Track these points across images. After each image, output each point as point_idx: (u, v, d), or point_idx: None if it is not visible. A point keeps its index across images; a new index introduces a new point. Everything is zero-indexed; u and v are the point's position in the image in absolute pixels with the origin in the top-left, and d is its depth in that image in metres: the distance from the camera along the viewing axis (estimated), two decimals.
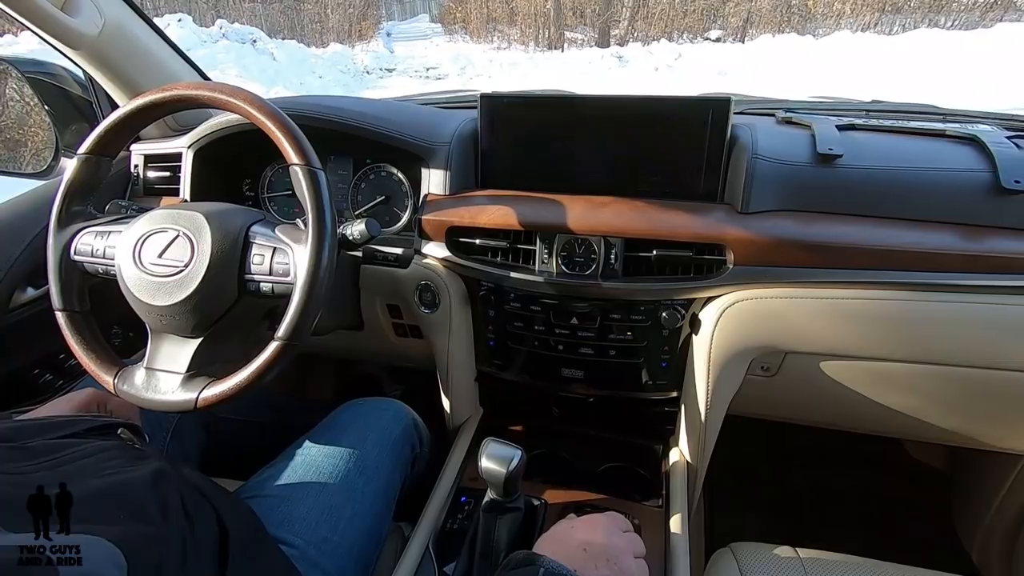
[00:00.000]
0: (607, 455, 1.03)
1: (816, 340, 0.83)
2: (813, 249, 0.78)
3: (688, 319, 0.89)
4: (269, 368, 0.67)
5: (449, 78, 9.43)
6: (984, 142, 0.82)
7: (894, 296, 0.78)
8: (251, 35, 9.46)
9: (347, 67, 9.89)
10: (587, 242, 0.86)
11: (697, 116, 0.85)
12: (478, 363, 1.06)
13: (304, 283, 0.66)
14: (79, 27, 0.86)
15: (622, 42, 11.57)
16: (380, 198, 1.05)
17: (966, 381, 0.82)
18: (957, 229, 0.78)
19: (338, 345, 1.16)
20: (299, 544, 0.69)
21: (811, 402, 0.96)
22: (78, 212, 0.77)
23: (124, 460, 0.58)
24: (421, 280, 0.95)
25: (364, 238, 0.79)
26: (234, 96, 0.70)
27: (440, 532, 0.85)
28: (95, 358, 0.74)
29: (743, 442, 1.16)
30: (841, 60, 7.73)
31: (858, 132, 0.92)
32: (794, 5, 11.31)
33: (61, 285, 0.75)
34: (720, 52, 9.59)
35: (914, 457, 1.40)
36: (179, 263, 0.69)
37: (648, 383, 0.97)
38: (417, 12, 23.70)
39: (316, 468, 0.78)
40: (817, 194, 0.82)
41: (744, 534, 0.85)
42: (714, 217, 0.83)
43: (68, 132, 1.11)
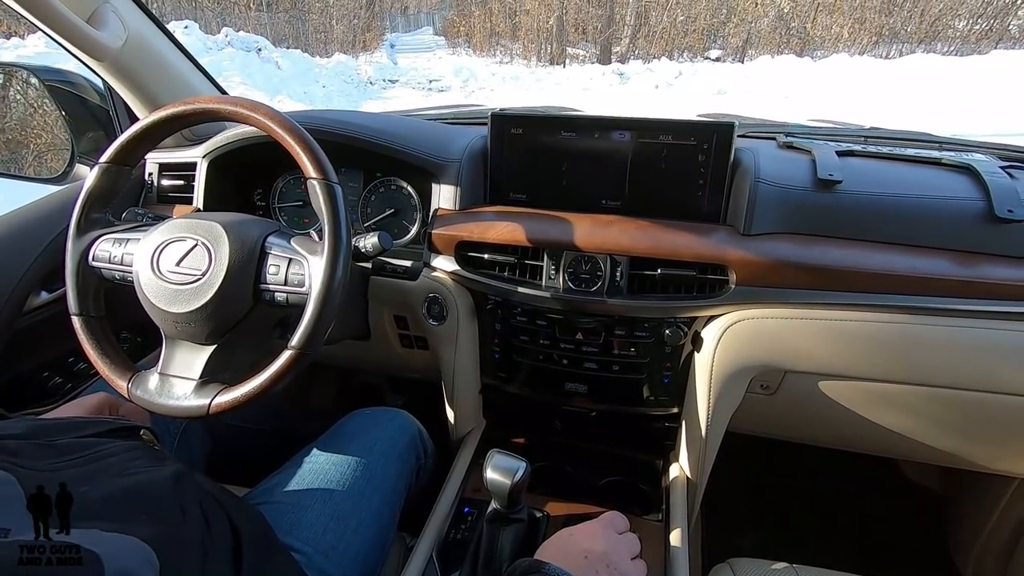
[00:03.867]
0: (608, 469, 1.04)
1: (815, 360, 0.85)
2: (813, 271, 0.81)
3: (690, 337, 0.91)
4: (282, 376, 0.68)
5: (452, 90, 9.52)
6: (978, 171, 0.85)
7: (891, 319, 0.80)
8: (256, 44, 9.54)
9: (351, 77, 9.99)
10: (593, 259, 0.88)
11: (702, 139, 0.88)
12: (483, 375, 1.08)
13: (319, 294, 0.68)
14: (104, 40, 0.88)
15: (623, 59, 11.73)
16: (389, 211, 1.07)
17: (961, 403, 0.84)
18: (952, 255, 0.80)
19: (344, 355, 1.18)
20: (306, 551, 0.70)
21: (810, 421, 0.98)
22: (97, 219, 0.79)
23: (145, 461, 0.59)
24: (429, 292, 0.97)
25: (376, 251, 0.81)
26: (255, 111, 0.72)
27: (444, 542, 0.86)
28: (109, 362, 0.75)
29: (743, 459, 1.17)
30: (839, 82, 7.85)
31: (857, 158, 0.94)
32: (793, 28, 11.49)
33: (78, 290, 0.77)
34: (720, 72, 9.72)
35: (910, 477, 1.42)
36: (197, 271, 0.70)
37: (650, 399, 0.99)
38: (421, 25, 23.95)
39: (323, 476, 0.79)
40: (817, 218, 0.84)
41: (742, 550, 0.86)
42: (717, 238, 0.85)
43: (84, 139, 1.13)
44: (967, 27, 10.54)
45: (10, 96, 1.21)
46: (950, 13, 10.54)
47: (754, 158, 0.88)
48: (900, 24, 10.90)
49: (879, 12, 10.87)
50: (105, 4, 0.92)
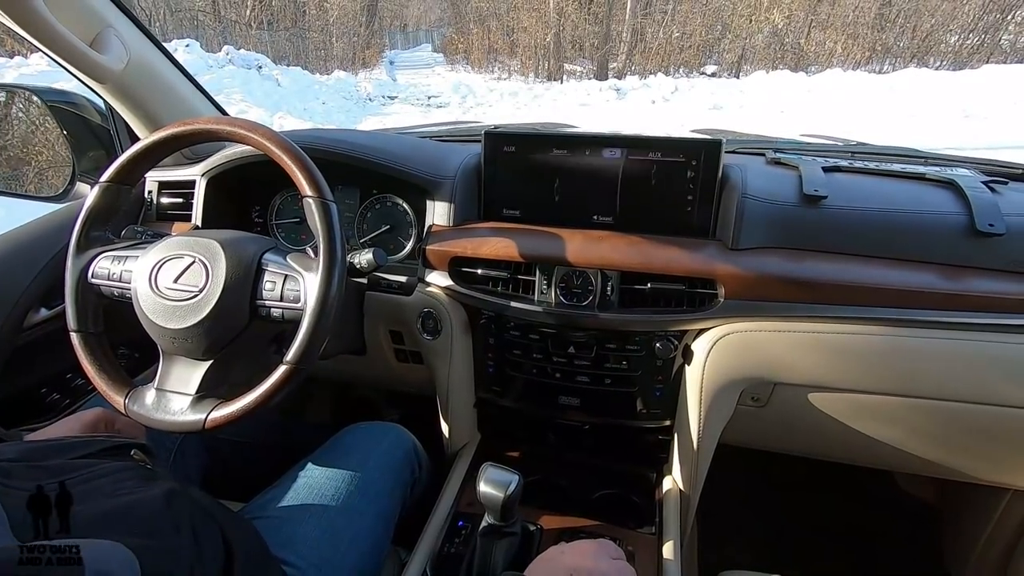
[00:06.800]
0: (602, 482, 1.04)
1: (804, 372, 0.86)
2: (800, 285, 0.82)
3: (681, 350, 0.92)
4: (277, 391, 0.69)
5: (450, 106, 9.60)
6: (961, 186, 0.87)
7: (877, 331, 0.81)
8: (257, 61, 9.64)
9: (350, 94, 10.08)
10: (585, 274, 0.90)
11: (691, 156, 0.90)
12: (477, 389, 1.09)
13: (314, 309, 0.69)
14: (106, 63, 0.90)
15: (620, 75, 11.86)
16: (385, 227, 1.09)
17: (949, 414, 0.85)
18: (936, 269, 0.82)
19: (340, 369, 1.19)
20: (301, 565, 0.71)
21: (801, 433, 0.99)
22: (97, 237, 0.80)
23: (137, 481, 0.60)
24: (424, 307, 0.98)
25: (371, 266, 0.83)
26: (253, 131, 0.74)
27: (438, 556, 0.86)
28: (107, 378, 0.76)
29: (735, 471, 1.18)
30: (833, 97, 7.95)
31: (843, 174, 0.96)
32: (787, 43, 11.65)
33: (77, 307, 0.78)
34: (715, 87, 9.83)
35: (903, 489, 1.42)
36: (194, 288, 0.72)
37: (642, 412, 1.00)
38: (420, 42, 24.23)
39: (318, 490, 0.80)
40: (804, 233, 0.86)
41: (736, 562, 0.86)
42: (706, 253, 0.87)
43: (85, 158, 1.15)
44: (959, 42, 10.69)
45: (12, 115, 1.24)
46: (942, 28, 10.69)
47: (742, 174, 0.90)
48: (893, 39, 11.06)
49: (872, 28, 11.03)
50: (108, 28, 0.94)
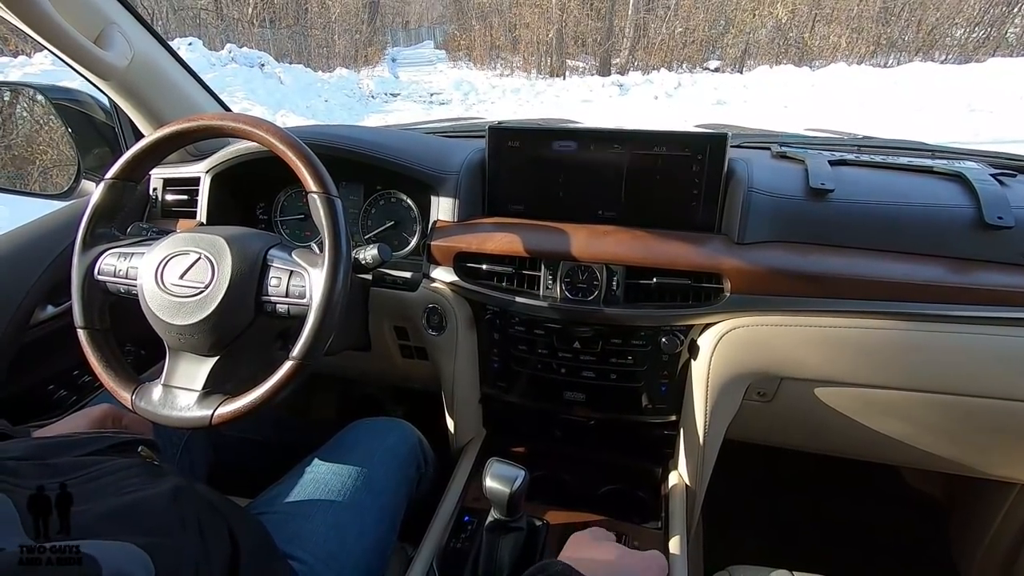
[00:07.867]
0: (607, 477, 1.04)
1: (810, 367, 0.86)
2: (806, 279, 0.82)
3: (687, 345, 0.92)
4: (283, 386, 0.69)
5: (452, 103, 9.60)
6: (969, 179, 0.86)
7: (884, 325, 0.81)
8: (259, 59, 9.64)
9: (352, 91, 10.08)
10: (590, 269, 0.90)
11: (696, 150, 0.89)
12: (482, 385, 1.09)
13: (319, 305, 0.69)
14: (110, 60, 0.91)
15: (623, 71, 11.82)
16: (389, 223, 1.08)
17: (956, 409, 0.84)
18: (945, 262, 0.81)
19: (345, 365, 1.19)
20: (307, 560, 0.71)
21: (807, 428, 0.98)
22: (102, 234, 0.80)
23: (143, 478, 0.60)
24: (429, 303, 0.98)
25: (376, 262, 0.83)
26: (257, 127, 0.74)
27: (443, 551, 0.87)
28: (114, 375, 0.76)
29: (742, 466, 1.17)
30: (837, 91, 7.90)
31: (849, 167, 0.96)
32: (791, 38, 11.58)
33: (83, 304, 0.78)
34: (718, 82, 9.78)
35: (911, 484, 1.41)
36: (200, 284, 0.72)
37: (648, 407, 1.00)
38: (422, 39, 24.21)
39: (324, 485, 0.80)
40: (810, 227, 0.85)
41: (742, 557, 0.86)
42: (711, 247, 0.87)
43: (90, 156, 1.15)
44: (964, 35, 10.61)
45: (17, 114, 1.24)
46: (947, 22, 10.61)
47: (748, 168, 0.90)
48: (898, 33, 10.98)
49: (876, 21, 10.96)
50: (111, 25, 0.94)
